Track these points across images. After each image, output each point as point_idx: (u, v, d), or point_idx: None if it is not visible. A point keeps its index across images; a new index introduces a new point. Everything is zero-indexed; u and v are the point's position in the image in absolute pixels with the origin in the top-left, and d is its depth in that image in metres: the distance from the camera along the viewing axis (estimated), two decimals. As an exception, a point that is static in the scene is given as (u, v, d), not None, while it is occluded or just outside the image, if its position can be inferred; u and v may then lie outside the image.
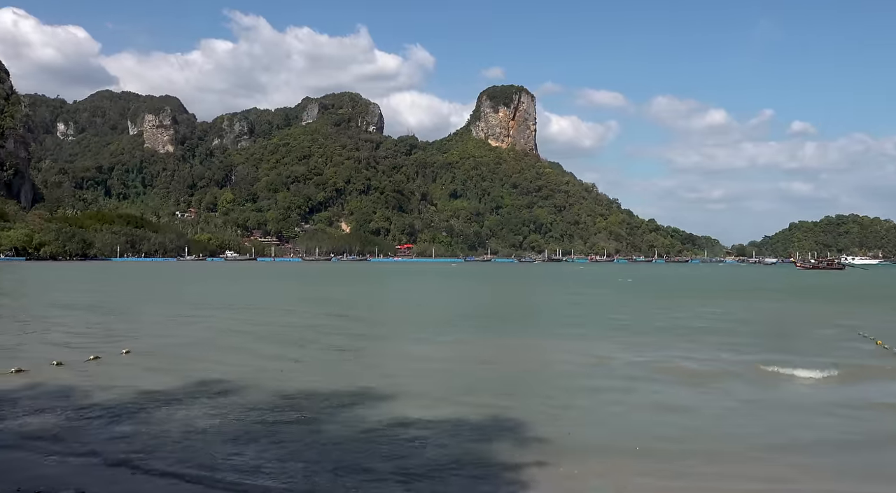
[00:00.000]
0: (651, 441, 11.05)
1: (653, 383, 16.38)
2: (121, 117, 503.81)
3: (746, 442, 11.19)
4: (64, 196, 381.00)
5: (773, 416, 13.09)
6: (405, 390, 14.90)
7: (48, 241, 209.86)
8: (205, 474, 9.23)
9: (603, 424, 12.43)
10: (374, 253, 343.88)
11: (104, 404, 13.13)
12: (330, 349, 21.97)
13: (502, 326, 31.43)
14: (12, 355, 18.98)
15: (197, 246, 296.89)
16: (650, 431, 11.77)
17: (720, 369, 18.38)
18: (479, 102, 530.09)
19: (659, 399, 14.49)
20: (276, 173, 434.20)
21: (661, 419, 12.77)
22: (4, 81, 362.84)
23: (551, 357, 20.87)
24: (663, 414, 13.13)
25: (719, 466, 9.91)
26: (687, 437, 11.47)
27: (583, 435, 11.45)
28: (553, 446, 10.69)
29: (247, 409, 12.86)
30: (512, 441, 10.93)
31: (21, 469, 9.18)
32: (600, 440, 11.16)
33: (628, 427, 12.08)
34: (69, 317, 32.74)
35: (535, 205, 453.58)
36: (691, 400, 14.50)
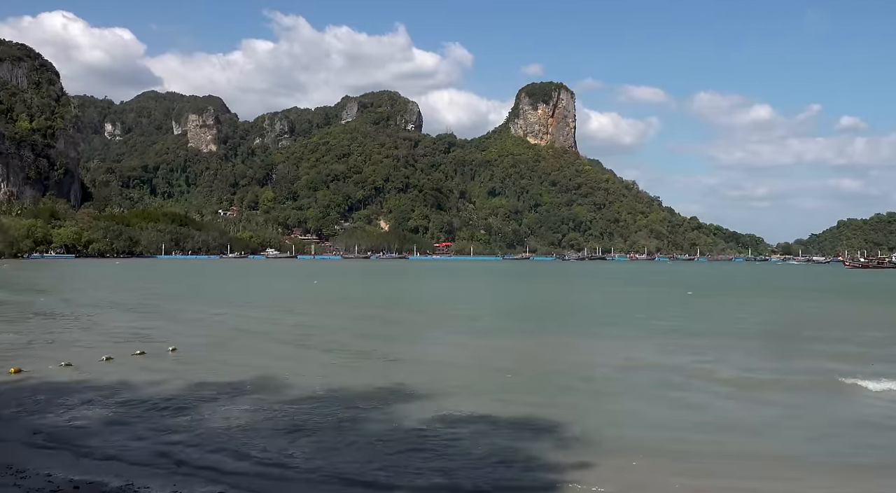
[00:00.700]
0: (684, 444, 10.88)
1: (702, 388, 16.09)
2: (165, 117, 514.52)
3: (784, 448, 10.94)
4: (111, 195, 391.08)
5: (828, 428, 12.75)
6: (445, 387, 14.93)
7: (96, 238, 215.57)
8: (245, 468, 9.37)
9: (644, 425, 12.26)
10: (413, 251, 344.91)
11: (149, 398, 13.44)
12: (369, 347, 22.11)
13: (543, 324, 31.22)
14: (64, 350, 19.57)
15: (239, 244, 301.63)
16: (687, 434, 11.59)
17: (778, 377, 17.97)
18: (518, 99, 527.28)
19: (702, 404, 14.24)
20: (315, 172, 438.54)
21: (696, 422, 12.56)
22: (55, 83, 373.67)
23: (593, 356, 20.66)
24: (701, 419, 12.90)
25: (749, 469, 9.72)
26: (718, 442, 11.27)
27: (624, 436, 11.32)
28: (593, 445, 10.60)
29: (288, 405, 13.03)
30: (552, 440, 10.86)
31: (67, 460, 9.45)
32: (640, 441, 11.02)
33: (669, 430, 11.90)
34: (117, 313, 33.61)
35: (575, 203, 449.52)
36: (733, 406, 14.21)
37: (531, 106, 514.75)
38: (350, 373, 16.51)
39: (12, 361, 17.05)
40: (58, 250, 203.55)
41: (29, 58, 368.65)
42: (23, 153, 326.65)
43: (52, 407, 12.65)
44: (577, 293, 60.37)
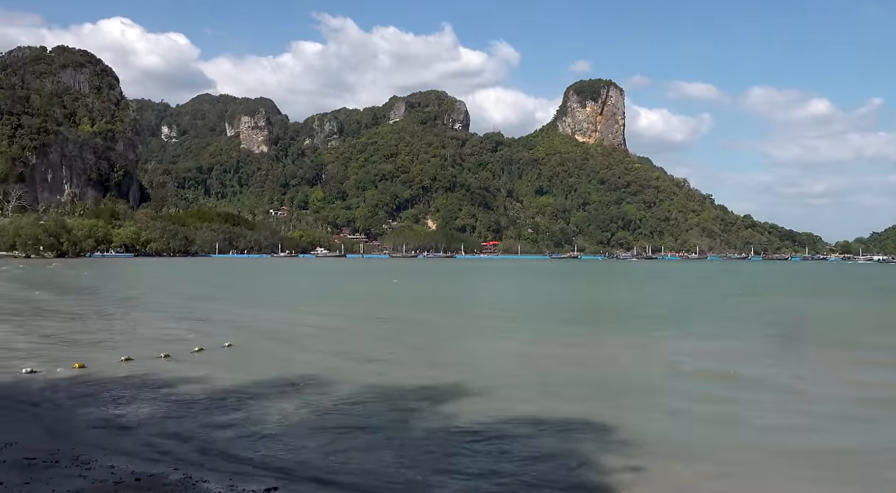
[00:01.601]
0: (733, 452, 10.59)
1: (755, 394, 15.66)
2: (219, 119, 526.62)
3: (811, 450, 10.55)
4: (168, 195, 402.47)
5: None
6: (491, 387, 14.86)
7: (154, 238, 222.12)
8: (298, 465, 9.47)
9: (693, 430, 11.99)
10: (460, 250, 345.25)
11: (205, 394, 13.73)
12: (417, 346, 22.19)
13: (592, 324, 30.86)
14: (123, 346, 20.17)
15: (289, 243, 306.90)
16: (736, 441, 11.28)
17: (840, 387, 17.37)
18: (566, 97, 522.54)
19: (754, 411, 13.85)
20: (364, 172, 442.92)
21: (747, 429, 12.21)
22: (115, 88, 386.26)
23: (643, 358, 20.31)
24: (753, 426, 12.54)
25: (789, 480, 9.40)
26: (768, 450, 10.92)
27: (672, 440, 11.08)
28: (641, 449, 10.39)
29: (338, 403, 13.15)
30: (599, 442, 10.69)
31: (129, 452, 9.71)
32: (688, 446, 10.77)
33: (718, 436, 11.61)
34: (175, 310, 34.50)
35: (624, 201, 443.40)
36: (786, 413, 13.77)
37: (579, 104, 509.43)
38: (398, 373, 16.57)
39: (76, 356, 17.63)
40: (118, 250, 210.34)
41: (90, 63, 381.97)
42: (85, 156, 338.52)
43: (114, 402, 13.03)
44: (628, 293, 59.42)
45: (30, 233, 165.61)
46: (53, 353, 18.60)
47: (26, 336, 22.61)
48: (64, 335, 22.97)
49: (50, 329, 24.75)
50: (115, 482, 8.14)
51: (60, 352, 18.76)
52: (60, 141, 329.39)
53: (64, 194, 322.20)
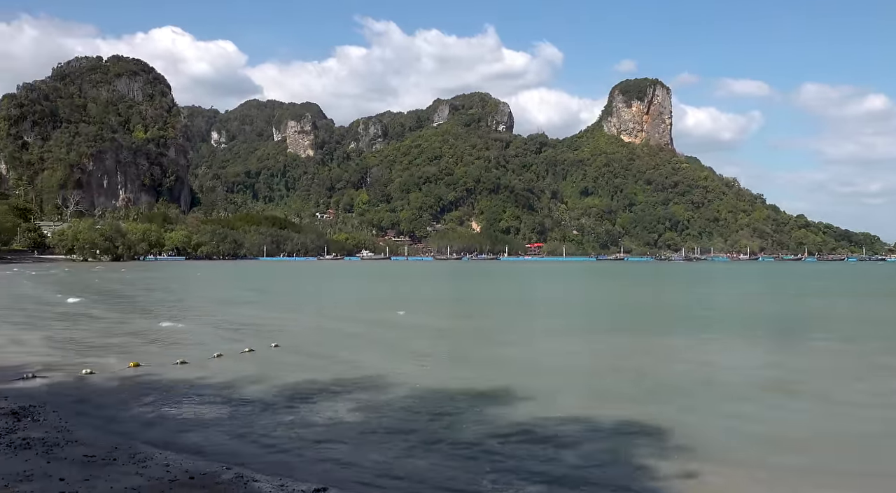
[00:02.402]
0: (789, 458, 10.25)
1: (816, 400, 15.16)
2: (266, 125, 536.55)
3: None
4: (217, 200, 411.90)
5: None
6: (541, 390, 14.71)
7: (204, 241, 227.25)
8: (348, 465, 9.52)
9: (748, 436, 11.65)
10: (505, 252, 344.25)
11: (257, 394, 13.93)
12: (464, 348, 22.15)
13: (644, 325, 30.36)
14: (177, 346, 20.66)
15: (335, 246, 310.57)
16: (791, 448, 10.92)
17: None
18: (611, 96, 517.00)
19: (811, 416, 13.40)
20: (408, 174, 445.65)
21: (804, 435, 11.81)
22: (167, 95, 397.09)
23: (696, 360, 19.87)
24: (809, 432, 12.12)
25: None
26: (825, 458, 10.54)
27: (725, 445, 10.79)
28: (695, 453, 10.13)
29: (389, 404, 13.20)
30: (652, 446, 10.47)
31: (182, 451, 9.90)
32: (743, 452, 10.46)
33: (774, 443, 11.25)
34: (226, 311, 35.18)
35: (672, 201, 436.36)
36: (845, 419, 13.29)
37: (625, 103, 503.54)
38: (445, 375, 16.55)
39: (131, 356, 18.11)
40: (169, 253, 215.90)
41: (143, 72, 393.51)
42: (138, 162, 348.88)
43: (168, 400, 13.33)
44: (679, 294, 58.22)
45: (87, 237, 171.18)
46: (109, 355, 19.12)
47: (79, 337, 23.33)
48: (117, 337, 23.63)
49: (101, 331, 25.49)
50: (169, 480, 8.30)
51: (115, 354, 19.28)
52: (115, 148, 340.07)
53: (119, 199, 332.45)
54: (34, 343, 21.47)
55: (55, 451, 9.39)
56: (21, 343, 21.49)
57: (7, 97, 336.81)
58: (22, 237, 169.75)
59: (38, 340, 22.23)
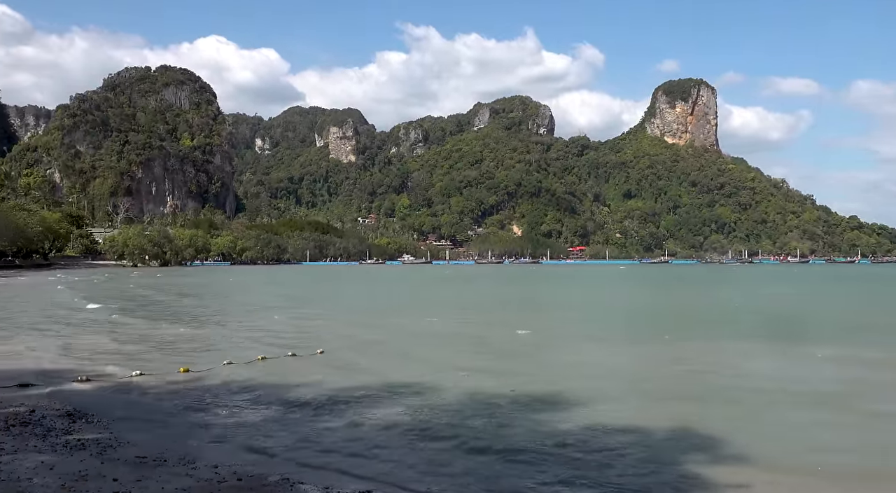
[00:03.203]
0: (848, 466, 9.88)
1: (872, 406, 14.66)
2: (309, 131, 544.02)
3: None
4: (261, 205, 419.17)
5: None
6: (587, 396, 14.50)
7: (249, 247, 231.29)
8: (395, 469, 9.53)
9: (802, 443, 11.29)
10: (546, 256, 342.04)
11: (301, 398, 14.05)
12: (508, 353, 22.02)
13: (693, 330, 29.76)
14: (224, 350, 21.00)
15: (376, 250, 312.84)
16: (850, 456, 10.53)
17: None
18: (654, 97, 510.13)
19: (868, 423, 12.93)
20: (449, 178, 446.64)
21: (860, 443, 11.39)
22: (212, 103, 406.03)
23: (747, 365, 19.39)
24: (866, 440, 11.69)
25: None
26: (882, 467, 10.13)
27: (780, 454, 10.47)
28: (747, 463, 9.85)
29: (432, 409, 13.17)
30: (703, 454, 10.23)
31: (230, 453, 10.03)
32: (798, 461, 10.13)
33: (831, 450, 10.88)
34: (270, 316, 35.67)
35: (717, 203, 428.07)
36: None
37: (668, 104, 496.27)
38: (491, 381, 16.45)
39: (181, 360, 18.48)
40: (215, 258, 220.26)
41: (190, 81, 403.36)
42: (185, 169, 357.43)
43: (217, 404, 13.55)
44: (729, 297, 56.84)
45: (136, 243, 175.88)
46: (157, 358, 19.57)
47: (127, 340, 23.91)
48: (165, 341, 24.15)
49: (149, 335, 26.07)
50: (218, 482, 8.41)
51: (164, 357, 19.71)
52: (163, 155, 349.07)
53: (167, 206, 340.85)
54: (75, 348, 22.07)
55: (108, 452, 9.62)
56: (62, 348, 22.10)
57: (61, 108, 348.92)
58: (75, 244, 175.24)
59: (78, 345, 22.86)
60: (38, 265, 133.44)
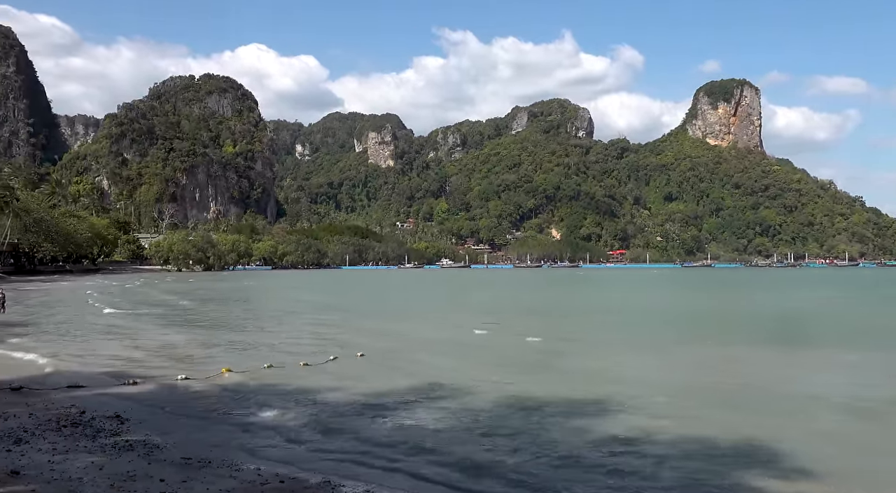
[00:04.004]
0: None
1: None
2: (348, 136, 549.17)
3: None
4: (301, 210, 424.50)
5: None
6: (632, 401, 14.30)
7: (289, 251, 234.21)
8: (436, 472, 9.54)
9: (864, 454, 10.95)
10: (586, 259, 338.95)
11: (343, 401, 14.16)
12: (550, 356, 21.85)
13: (740, 335, 29.15)
14: (265, 353, 21.29)
15: (415, 254, 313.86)
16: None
17: None
18: (696, 99, 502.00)
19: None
20: (487, 182, 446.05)
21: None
22: (253, 110, 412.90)
23: (802, 373, 18.90)
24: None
25: None
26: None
27: (839, 466, 10.15)
28: (804, 475, 9.59)
29: (473, 413, 13.14)
30: (761, 468, 9.97)
31: (273, 456, 10.15)
32: (861, 473, 9.83)
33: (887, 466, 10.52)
34: (312, 319, 36.06)
35: (762, 206, 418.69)
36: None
37: (710, 105, 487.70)
38: (531, 384, 16.36)
39: (223, 362, 18.78)
40: (257, 263, 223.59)
41: (232, 89, 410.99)
42: (228, 175, 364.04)
43: (259, 406, 13.72)
44: (779, 301, 55.46)
45: (180, 248, 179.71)
46: (201, 360, 19.93)
47: (160, 346, 24.41)
48: (208, 344, 24.59)
49: (192, 338, 26.57)
50: (261, 484, 8.52)
51: (207, 360, 20.07)
52: (206, 162, 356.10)
53: (210, 212, 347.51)
54: (120, 350, 22.61)
55: (155, 453, 9.83)
56: (111, 351, 22.65)
57: (108, 117, 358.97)
58: (122, 249, 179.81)
59: (125, 348, 23.40)
60: (86, 270, 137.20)
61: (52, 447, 9.82)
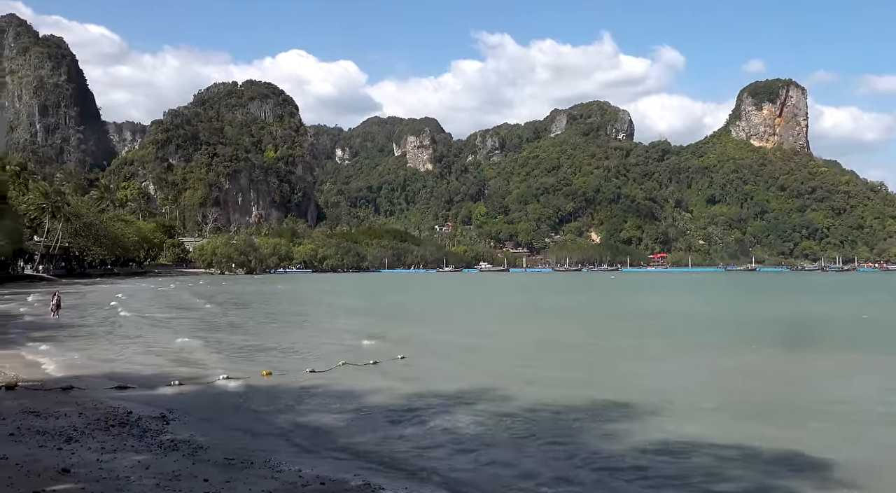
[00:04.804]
0: None
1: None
2: (387, 140, 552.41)
3: None
4: (341, 214, 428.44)
5: None
6: (674, 407, 14.07)
7: (329, 255, 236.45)
8: (474, 476, 9.53)
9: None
10: (626, 263, 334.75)
11: (382, 403, 14.24)
12: (591, 361, 21.65)
13: (791, 340, 28.46)
14: (304, 356, 21.54)
15: (454, 258, 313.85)
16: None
17: None
18: (740, 99, 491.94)
19: None
20: (526, 186, 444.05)
21: None
22: (294, 116, 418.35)
23: (854, 378, 18.36)
24: None
25: None
26: None
27: (880, 474, 9.84)
28: (855, 486, 9.31)
29: (512, 417, 13.09)
30: (801, 476, 9.73)
31: (313, 458, 10.24)
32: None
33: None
34: (352, 323, 36.35)
35: (808, 208, 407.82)
36: None
37: (755, 106, 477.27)
38: (567, 389, 16.21)
39: (264, 366, 19.03)
40: (297, 266, 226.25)
41: (273, 94, 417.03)
42: (269, 180, 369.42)
43: (299, 408, 13.89)
44: (829, 306, 53.89)
45: (223, 252, 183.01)
46: (240, 362, 20.22)
47: (209, 346, 24.82)
48: (246, 347, 24.96)
49: (231, 341, 26.99)
50: (302, 485, 8.60)
51: (246, 362, 20.37)
52: (249, 167, 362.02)
53: (252, 216, 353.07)
54: (163, 352, 23.07)
55: (199, 453, 10.00)
56: (153, 353, 23.13)
57: (155, 123, 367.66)
58: (168, 252, 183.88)
59: (166, 350, 23.88)
60: (133, 273, 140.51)
61: (100, 446, 10.07)
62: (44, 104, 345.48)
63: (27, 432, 10.76)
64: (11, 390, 14.56)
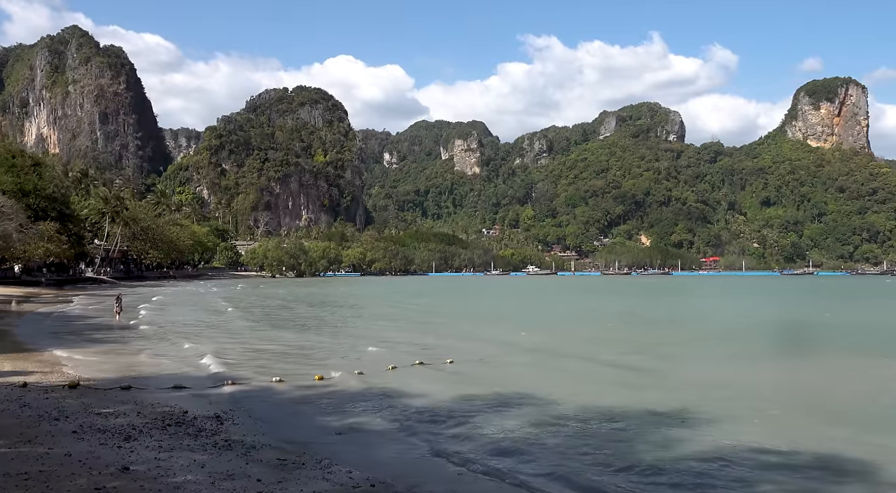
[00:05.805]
0: None
1: None
2: (434, 144, 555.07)
3: None
4: (389, 218, 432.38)
5: None
6: (722, 413, 13.74)
7: (378, 258, 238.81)
8: (521, 478, 9.49)
9: None
10: (677, 267, 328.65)
11: (429, 406, 14.27)
12: (640, 365, 21.30)
13: (851, 346, 27.49)
14: (354, 359, 21.74)
15: (501, 261, 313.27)
16: None
17: None
18: (796, 99, 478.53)
19: None
20: (574, 188, 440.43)
21: None
22: (343, 120, 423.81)
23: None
24: None
25: None
26: None
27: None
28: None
29: (559, 422, 12.99)
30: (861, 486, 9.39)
31: (364, 460, 10.31)
32: None
33: None
34: (399, 326, 36.58)
35: (870, 210, 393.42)
36: None
37: (812, 106, 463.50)
38: (619, 394, 16.00)
39: (315, 369, 19.29)
40: (346, 269, 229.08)
41: (323, 99, 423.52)
42: (319, 184, 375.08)
43: (350, 411, 14.02)
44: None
45: (274, 255, 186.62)
46: (291, 365, 20.52)
47: (256, 349, 25.25)
48: (295, 349, 25.31)
49: (278, 342, 27.41)
50: (352, 486, 8.68)
51: (299, 364, 20.66)
52: (299, 172, 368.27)
53: (302, 219, 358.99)
54: (214, 354, 23.55)
55: (252, 453, 10.18)
56: (204, 355, 23.63)
57: (209, 129, 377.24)
58: (221, 255, 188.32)
59: (216, 351, 24.37)
60: (188, 276, 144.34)
61: (158, 445, 10.34)
62: (104, 112, 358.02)
63: (89, 430, 11.11)
64: (74, 388, 15.07)
